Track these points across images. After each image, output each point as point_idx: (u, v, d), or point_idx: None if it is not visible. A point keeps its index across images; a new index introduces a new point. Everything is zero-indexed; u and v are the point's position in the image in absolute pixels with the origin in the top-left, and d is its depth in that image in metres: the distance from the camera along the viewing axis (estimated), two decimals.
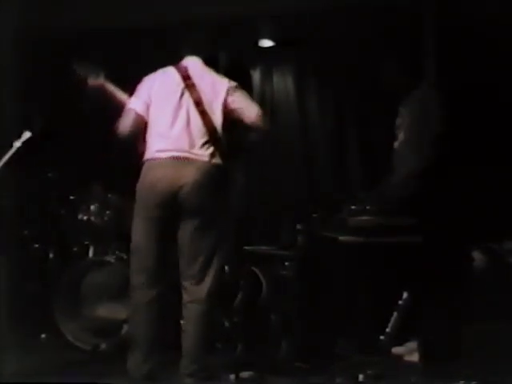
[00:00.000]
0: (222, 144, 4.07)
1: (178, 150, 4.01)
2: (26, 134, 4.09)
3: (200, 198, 3.98)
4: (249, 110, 4.11)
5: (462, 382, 3.84)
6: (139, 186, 4.10)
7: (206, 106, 4.06)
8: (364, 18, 5.83)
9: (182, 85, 4.11)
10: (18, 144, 4.07)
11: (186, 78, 4.12)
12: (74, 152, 6.14)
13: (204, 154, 4.01)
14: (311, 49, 6.31)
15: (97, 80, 4.36)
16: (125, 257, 5.24)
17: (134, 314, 4.14)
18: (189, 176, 3.97)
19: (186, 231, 4.04)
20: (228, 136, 4.11)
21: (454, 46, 5.42)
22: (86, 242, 5.48)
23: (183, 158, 4.00)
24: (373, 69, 5.22)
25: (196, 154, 4.01)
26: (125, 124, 4.14)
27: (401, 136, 4.68)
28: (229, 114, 4.09)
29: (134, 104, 4.16)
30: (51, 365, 4.68)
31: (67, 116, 6.13)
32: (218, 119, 4.07)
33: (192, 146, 4.02)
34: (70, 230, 5.60)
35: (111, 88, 4.37)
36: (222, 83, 4.14)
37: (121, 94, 4.37)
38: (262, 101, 6.36)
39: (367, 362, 4.21)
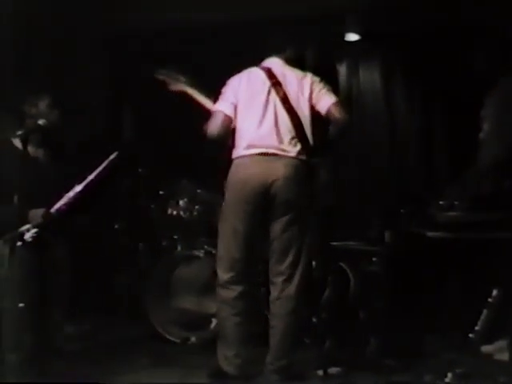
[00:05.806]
0: (308, 140, 4.09)
1: (267, 147, 4.06)
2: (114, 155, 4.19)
3: (289, 194, 4.02)
4: (324, 100, 4.11)
5: None
6: (229, 183, 4.16)
7: (293, 103, 4.11)
8: (452, 10, 5.72)
9: (268, 83, 4.15)
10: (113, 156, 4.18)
11: (272, 76, 4.17)
12: (164, 147, 6.24)
13: (292, 150, 4.06)
14: (398, 42, 6.25)
15: (177, 85, 4.57)
16: (213, 251, 5.29)
17: (219, 310, 4.20)
18: (278, 172, 4.02)
19: (276, 227, 4.09)
20: (316, 132, 4.12)
21: None
22: (175, 237, 5.58)
23: (272, 154, 4.05)
24: (461, 61, 5.13)
25: (284, 150, 4.06)
26: (214, 126, 4.20)
27: (485, 126, 4.60)
28: (314, 108, 4.12)
29: (222, 106, 4.23)
30: (141, 356, 4.77)
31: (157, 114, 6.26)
32: (305, 115, 4.12)
33: (280, 142, 4.07)
34: (159, 225, 5.71)
35: (193, 92, 4.52)
36: (306, 79, 4.18)
37: (203, 98, 4.48)
38: (348, 96, 6.35)
39: (456, 360, 4.14)
